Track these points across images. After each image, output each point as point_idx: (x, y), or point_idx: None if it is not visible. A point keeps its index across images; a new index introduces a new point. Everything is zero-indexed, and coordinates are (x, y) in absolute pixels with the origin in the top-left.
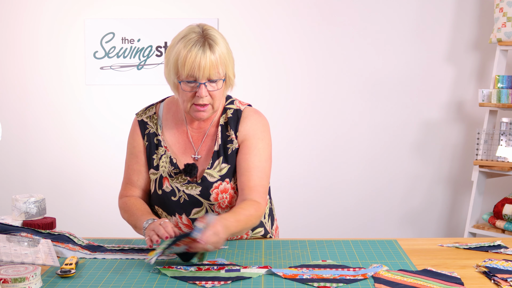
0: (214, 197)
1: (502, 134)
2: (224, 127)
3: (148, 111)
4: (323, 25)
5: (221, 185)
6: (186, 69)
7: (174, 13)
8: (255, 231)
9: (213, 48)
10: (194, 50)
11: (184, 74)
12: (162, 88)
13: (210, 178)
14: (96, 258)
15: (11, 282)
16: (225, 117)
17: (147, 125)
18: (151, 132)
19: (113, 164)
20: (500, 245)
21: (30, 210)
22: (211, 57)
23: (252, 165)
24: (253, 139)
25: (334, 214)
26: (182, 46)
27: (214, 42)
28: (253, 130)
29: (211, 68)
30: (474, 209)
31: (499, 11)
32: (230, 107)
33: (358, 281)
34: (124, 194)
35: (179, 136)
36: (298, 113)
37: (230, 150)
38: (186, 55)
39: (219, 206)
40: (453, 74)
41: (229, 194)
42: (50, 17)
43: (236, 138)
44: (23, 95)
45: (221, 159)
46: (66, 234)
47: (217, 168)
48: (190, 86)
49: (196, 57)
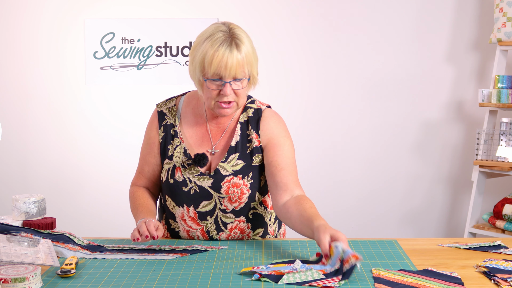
0: (225, 190)
1: (502, 134)
2: (245, 125)
3: (169, 102)
4: (323, 25)
5: (233, 179)
6: (212, 68)
7: (174, 13)
8: (256, 231)
9: (240, 47)
10: (221, 49)
11: (210, 73)
12: (162, 88)
13: (223, 171)
14: (96, 258)
15: (11, 282)
16: (246, 115)
17: (165, 116)
18: (168, 123)
19: (113, 164)
20: (500, 245)
21: (30, 210)
22: (238, 56)
23: (289, 161)
24: (280, 137)
25: (334, 214)
26: (209, 45)
27: (240, 41)
28: (277, 129)
29: (238, 67)
30: (474, 209)
31: (499, 11)
32: (251, 106)
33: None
34: (135, 182)
35: (197, 129)
36: (298, 113)
37: (249, 149)
38: (213, 54)
39: (229, 200)
40: (453, 74)
41: (240, 190)
42: (50, 17)
43: (257, 138)
44: (23, 95)
45: (237, 155)
46: (66, 234)
47: (231, 162)
48: (215, 84)
49: (223, 56)
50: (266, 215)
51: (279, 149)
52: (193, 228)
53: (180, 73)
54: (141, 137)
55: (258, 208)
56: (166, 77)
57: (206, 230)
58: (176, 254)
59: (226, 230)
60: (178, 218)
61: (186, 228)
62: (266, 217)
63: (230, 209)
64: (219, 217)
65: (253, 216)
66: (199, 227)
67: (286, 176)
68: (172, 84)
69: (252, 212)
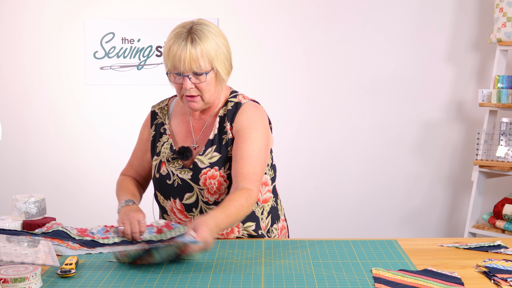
0: (202, 182)
1: (502, 134)
2: (223, 118)
3: (162, 103)
4: (323, 25)
5: (209, 171)
6: (170, 61)
7: (174, 13)
8: (246, 225)
9: (195, 42)
10: (177, 43)
11: (170, 66)
12: (162, 88)
13: (200, 164)
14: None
15: (11, 282)
16: (225, 109)
17: (156, 116)
18: (159, 122)
19: (113, 164)
20: (500, 245)
21: (30, 210)
22: (191, 50)
23: (246, 153)
24: (247, 129)
25: (334, 214)
26: (170, 38)
27: (198, 36)
28: (247, 121)
29: (191, 61)
30: (474, 209)
31: (499, 11)
32: (232, 100)
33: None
34: (124, 173)
35: (182, 126)
36: (298, 113)
37: (224, 141)
38: (170, 47)
39: (208, 192)
40: (453, 74)
41: (217, 181)
42: (50, 17)
43: (231, 130)
44: (23, 95)
45: (214, 147)
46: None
47: (208, 155)
48: (176, 78)
49: (177, 50)
50: (257, 209)
51: (243, 141)
52: (183, 220)
53: None
54: None
55: None
56: (166, 77)
57: None
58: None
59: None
60: (169, 211)
61: (176, 221)
62: (256, 211)
63: (212, 201)
64: (204, 209)
65: None
66: (187, 219)
67: (239, 168)
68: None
69: None
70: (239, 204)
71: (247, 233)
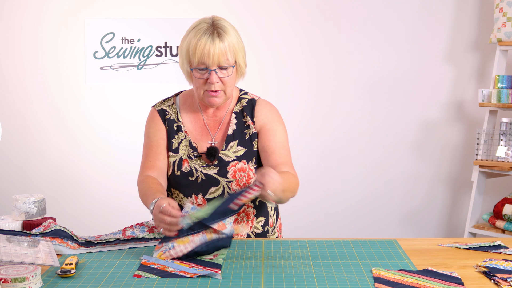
0: (231, 174)
1: (502, 134)
2: (240, 114)
3: (166, 102)
4: (323, 25)
5: (238, 164)
6: (196, 57)
7: (174, 13)
8: (258, 219)
9: (222, 36)
10: (204, 38)
11: (195, 62)
12: (162, 88)
13: (226, 158)
14: (101, 251)
15: (11, 282)
16: (240, 105)
17: (166, 112)
18: (171, 119)
19: (113, 164)
20: (500, 245)
21: (30, 210)
22: (220, 44)
23: (279, 144)
24: (272, 122)
25: (334, 214)
26: (193, 35)
27: (223, 30)
28: (270, 115)
29: (220, 55)
30: (474, 209)
31: (499, 11)
32: (245, 97)
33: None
34: (144, 173)
35: (195, 124)
36: (298, 113)
37: (247, 135)
38: (196, 43)
39: (236, 184)
40: (453, 74)
41: (247, 174)
42: (50, 17)
43: (253, 124)
44: (23, 95)
45: (236, 142)
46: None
47: (232, 149)
48: (201, 73)
49: (205, 45)
50: (268, 204)
51: (271, 133)
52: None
53: (180, 73)
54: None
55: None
56: (166, 77)
57: None
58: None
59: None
60: None
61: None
62: (268, 206)
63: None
64: None
65: (259, 203)
66: None
67: (276, 159)
68: (172, 84)
69: (259, 199)
70: (291, 177)
71: (256, 231)
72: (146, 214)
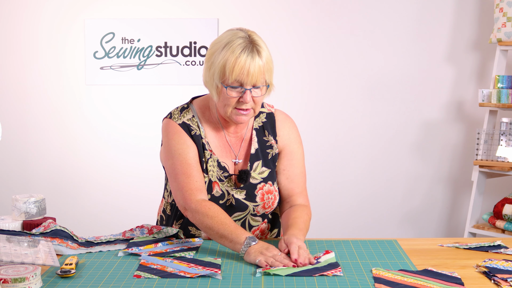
0: (260, 197)
1: (502, 134)
2: (260, 131)
3: (185, 114)
4: (323, 25)
5: (265, 186)
6: (234, 75)
7: (174, 13)
8: (273, 232)
9: (261, 54)
10: (243, 56)
11: (231, 79)
12: (162, 88)
13: (252, 180)
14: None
15: (11, 282)
16: (259, 121)
17: (190, 127)
18: (197, 134)
19: (113, 164)
20: (500, 245)
21: (30, 210)
22: (259, 63)
23: (299, 171)
24: (293, 144)
25: (334, 214)
26: (230, 51)
27: (261, 47)
28: (293, 135)
29: (259, 74)
30: (474, 209)
31: (499, 11)
32: (262, 110)
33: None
34: (199, 196)
35: (219, 140)
36: (298, 113)
37: (270, 155)
38: (235, 60)
39: (263, 207)
40: (453, 74)
41: (273, 196)
42: (50, 17)
43: (276, 143)
44: (23, 95)
45: (260, 162)
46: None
47: (257, 170)
48: (236, 91)
49: (245, 63)
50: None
51: (292, 157)
52: None
53: (180, 73)
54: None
55: (276, 209)
56: (166, 77)
57: None
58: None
59: (249, 231)
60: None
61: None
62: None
63: (260, 213)
64: (248, 220)
65: (272, 216)
66: None
67: (294, 188)
68: (172, 84)
69: (271, 211)
70: (305, 220)
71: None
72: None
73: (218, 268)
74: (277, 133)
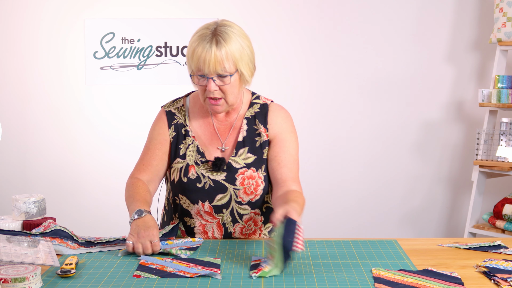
0: (240, 181)
1: (502, 134)
2: (251, 120)
3: (176, 103)
4: (323, 25)
5: (247, 171)
6: (194, 63)
7: (174, 13)
8: (266, 226)
9: (220, 44)
10: (202, 45)
11: (194, 68)
12: (162, 88)
13: (235, 164)
14: (101, 251)
15: (11, 282)
16: (252, 111)
17: (174, 116)
18: (179, 123)
19: (113, 164)
20: (500, 245)
21: (30, 210)
22: (216, 52)
23: (292, 158)
24: (286, 133)
25: (334, 214)
26: (193, 41)
27: (223, 38)
28: (285, 124)
29: (216, 64)
30: (474, 209)
31: (499, 11)
32: (257, 101)
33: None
34: (136, 175)
35: (205, 128)
36: (298, 113)
37: (258, 143)
38: (195, 49)
39: (244, 192)
40: (453, 74)
41: (255, 182)
42: (50, 17)
43: (265, 132)
44: (23, 95)
45: (246, 149)
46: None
47: (241, 156)
48: (200, 80)
49: (202, 52)
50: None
51: (284, 144)
52: (209, 222)
53: (180, 73)
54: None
55: (270, 202)
56: (166, 77)
57: (222, 223)
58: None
59: (241, 221)
60: (194, 214)
61: (202, 223)
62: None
63: (246, 201)
64: (235, 209)
65: (266, 210)
66: (215, 220)
67: (286, 173)
68: (172, 84)
69: (266, 206)
70: (302, 201)
71: (265, 237)
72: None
73: (217, 268)
74: (268, 122)
